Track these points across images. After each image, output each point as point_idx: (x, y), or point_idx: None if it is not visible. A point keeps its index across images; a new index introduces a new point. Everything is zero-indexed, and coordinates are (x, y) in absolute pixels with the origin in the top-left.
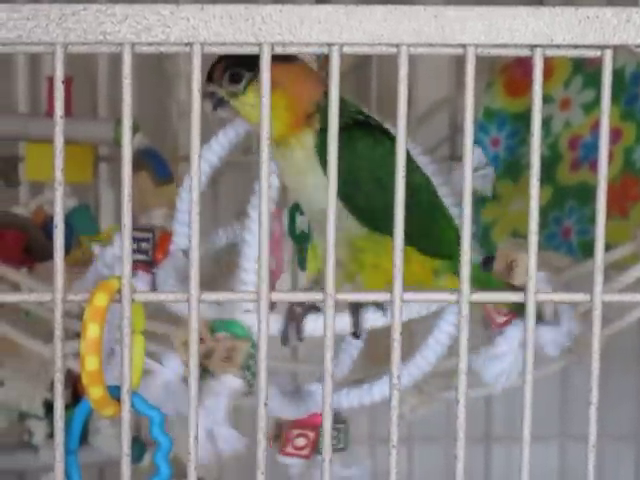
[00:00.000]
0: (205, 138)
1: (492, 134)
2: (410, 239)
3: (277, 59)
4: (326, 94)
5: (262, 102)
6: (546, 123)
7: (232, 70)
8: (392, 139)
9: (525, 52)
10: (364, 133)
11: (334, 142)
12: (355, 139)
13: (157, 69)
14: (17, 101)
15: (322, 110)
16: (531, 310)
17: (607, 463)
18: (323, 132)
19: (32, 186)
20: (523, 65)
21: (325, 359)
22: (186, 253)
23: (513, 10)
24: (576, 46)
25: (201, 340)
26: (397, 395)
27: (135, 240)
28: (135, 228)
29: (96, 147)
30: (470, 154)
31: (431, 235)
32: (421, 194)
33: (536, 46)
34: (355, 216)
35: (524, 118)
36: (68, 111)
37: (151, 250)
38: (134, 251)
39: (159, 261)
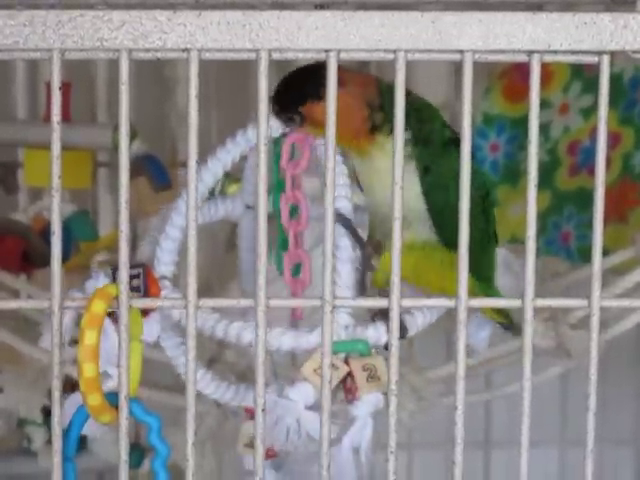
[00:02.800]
0: (203, 145)
1: (491, 139)
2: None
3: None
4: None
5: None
6: (545, 128)
7: (283, 116)
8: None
9: (522, 58)
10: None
11: (331, 146)
12: (452, 154)
13: (156, 74)
14: (16, 107)
15: (386, 109)
16: (529, 315)
17: (606, 467)
18: (416, 140)
19: (31, 192)
20: (522, 70)
21: (323, 366)
22: (169, 279)
23: (511, 16)
24: (573, 52)
25: (334, 366)
26: (395, 401)
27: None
28: (114, 271)
29: (95, 152)
30: (468, 160)
31: (479, 257)
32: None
33: (533, 52)
34: (436, 228)
35: (523, 123)
36: (66, 116)
37: (143, 286)
38: None
39: (155, 295)
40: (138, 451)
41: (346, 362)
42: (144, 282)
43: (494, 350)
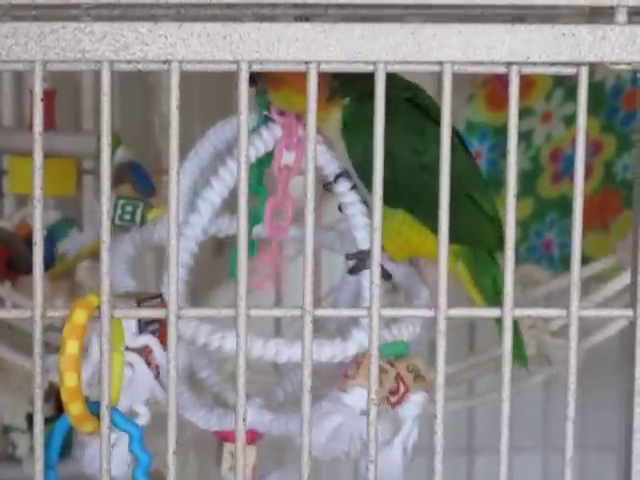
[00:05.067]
0: (185, 153)
1: (474, 147)
2: (426, 221)
3: None
4: None
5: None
6: (527, 136)
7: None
8: (411, 108)
9: (501, 69)
10: (405, 112)
11: (312, 147)
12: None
13: (140, 81)
14: (1, 114)
15: (345, 84)
16: (508, 324)
17: (590, 474)
18: (350, 105)
19: (16, 199)
20: (504, 79)
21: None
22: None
23: (490, 27)
24: (552, 63)
25: (381, 370)
26: (375, 410)
27: (147, 324)
28: (141, 298)
29: (80, 160)
30: (447, 170)
31: (452, 219)
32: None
33: (512, 63)
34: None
35: (505, 131)
36: (51, 124)
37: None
38: (148, 322)
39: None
40: None
41: (391, 364)
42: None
43: (477, 357)
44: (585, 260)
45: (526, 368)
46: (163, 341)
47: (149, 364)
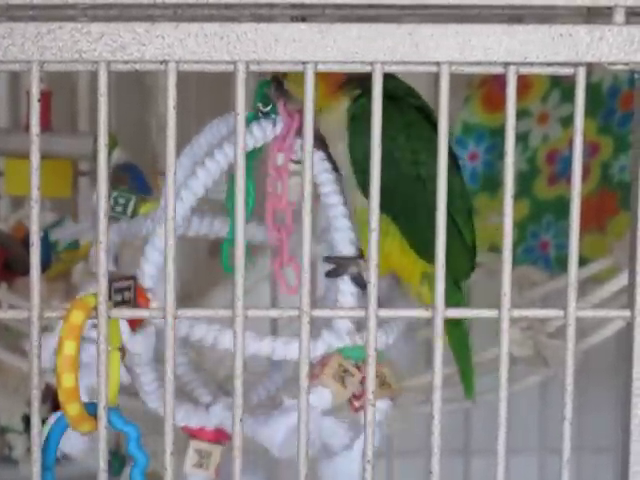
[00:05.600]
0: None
1: (470, 148)
2: (408, 233)
3: None
4: None
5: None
6: (524, 137)
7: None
8: (422, 118)
9: (499, 70)
10: (392, 108)
11: (309, 153)
12: (401, 123)
13: (137, 82)
14: None
15: (361, 77)
16: (505, 326)
17: (586, 475)
18: (361, 98)
19: (12, 201)
20: (501, 80)
21: (300, 374)
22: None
23: (487, 28)
24: (549, 64)
25: (346, 372)
26: (372, 411)
27: (118, 291)
28: (114, 278)
29: (76, 161)
30: (444, 171)
31: (428, 237)
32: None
33: (509, 64)
34: (360, 188)
35: (502, 133)
36: (47, 126)
37: (133, 298)
38: (118, 303)
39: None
40: (119, 459)
41: (358, 368)
42: (134, 295)
43: (473, 358)
44: (582, 261)
45: (472, 400)
46: (133, 325)
47: None
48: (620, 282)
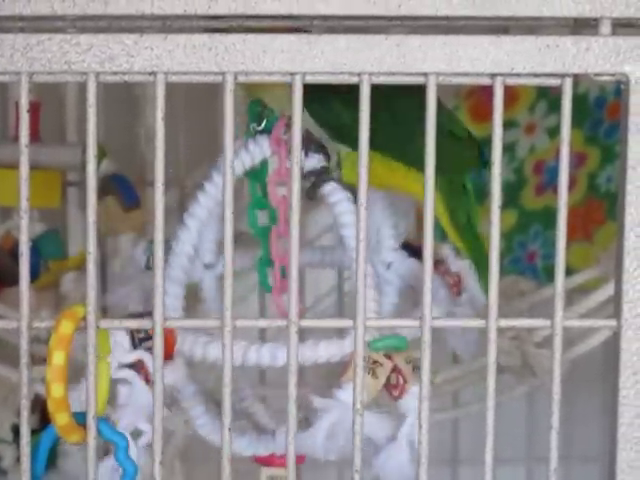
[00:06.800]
0: (169, 165)
1: None
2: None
3: None
4: None
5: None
6: (511, 148)
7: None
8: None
9: (486, 81)
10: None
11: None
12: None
13: (126, 93)
14: None
15: None
16: (493, 336)
17: None
18: None
19: (0, 211)
20: (488, 90)
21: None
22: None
23: (474, 39)
24: (536, 74)
25: (376, 363)
26: (360, 420)
27: (141, 341)
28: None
29: (65, 172)
30: (432, 181)
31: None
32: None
33: (496, 75)
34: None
35: (489, 143)
36: (36, 136)
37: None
38: (143, 339)
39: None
40: None
41: (388, 357)
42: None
43: (460, 368)
44: (569, 271)
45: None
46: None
47: (147, 381)
48: (607, 292)
